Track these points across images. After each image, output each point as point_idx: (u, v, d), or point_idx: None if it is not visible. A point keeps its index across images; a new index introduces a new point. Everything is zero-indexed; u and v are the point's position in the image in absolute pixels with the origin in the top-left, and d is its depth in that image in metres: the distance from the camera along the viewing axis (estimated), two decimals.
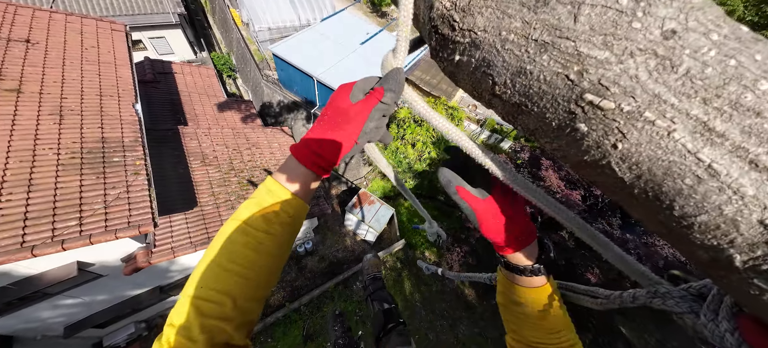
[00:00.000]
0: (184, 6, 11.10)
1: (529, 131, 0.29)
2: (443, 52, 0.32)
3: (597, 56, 0.20)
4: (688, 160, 0.19)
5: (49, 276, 4.23)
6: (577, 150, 0.24)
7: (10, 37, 5.09)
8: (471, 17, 0.27)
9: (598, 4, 0.20)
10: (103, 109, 4.96)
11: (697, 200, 0.19)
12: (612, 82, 0.20)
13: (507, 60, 0.25)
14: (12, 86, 4.54)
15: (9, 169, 3.83)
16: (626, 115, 0.20)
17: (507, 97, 0.27)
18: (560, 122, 0.24)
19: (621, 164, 0.22)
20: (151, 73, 8.15)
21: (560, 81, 0.22)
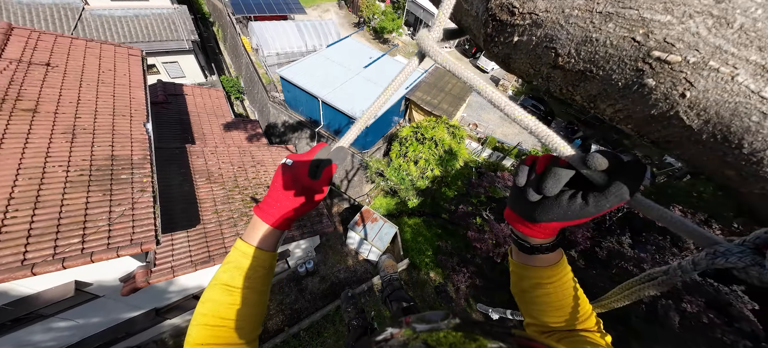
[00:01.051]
0: (197, 34, 11.79)
1: (590, 98, 0.32)
2: (500, 37, 0.37)
3: (660, 19, 0.24)
4: (752, 100, 0.22)
5: (45, 296, 4.12)
6: (644, 105, 0.27)
7: (32, 60, 5.32)
8: (532, 2, 0.32)
9: None
10: (115, 128, 5.08)
11: (764, 134, 0.22)
12: (676, 39, 0.24)
13: (571, 32, 0.29)
14: (29, 106, 4.68)
15: (17, 186, 3.85)
16: (693, 66, 0.24)
17: (571, 66, 0.31)
18: (627, 81, 0.28)
19: (689, 112, 0.25)
20: (162, 95, 8.43)
21: (627, 43, 0.26)
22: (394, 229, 8.13)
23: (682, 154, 0.29)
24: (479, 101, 16.31)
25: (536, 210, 0.43)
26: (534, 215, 0.43)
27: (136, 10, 10.96)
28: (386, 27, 17.37)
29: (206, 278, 5.90)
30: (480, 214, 7.27)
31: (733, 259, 0.32)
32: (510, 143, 12.86)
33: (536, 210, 0.43)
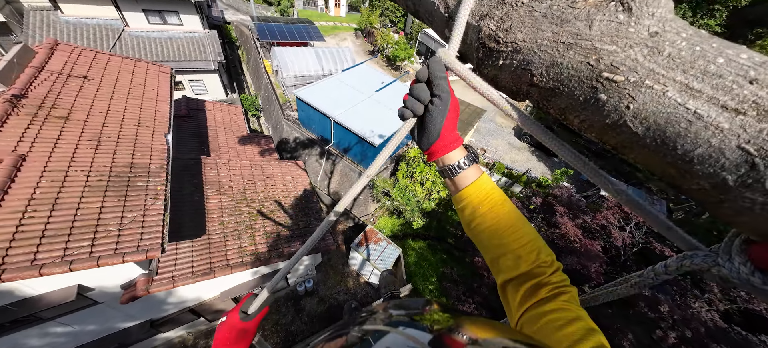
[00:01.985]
0: (223, 56, 12.74)
1: (560, 111, 0.39)
2: (489, 60, 0.44)
3: (607, 48, 0.31)
4: (680, 110, 0.28)
5: (48, 298, 4.12)
6: (600, 116, 0.34)
7: (71, 73, 5.80)
8: (512, 33, 0.40)
9: (604, 19, 0.32)
10: (137, 137, 5.36)
11: (691, 137, 0.28)
12: (620, 63, 0.30)
13: (543, 57, 0.36)
14: (62, 114, 5.03)
15: (39, 188, 4.03)
16: (633, 84, 0.30)
17: (543, 84, 0.38)
18: (586, 96, 0.34)
19: (634, 120, 0.31)
20: (185, 109, 8.93)
21: (584, 67, 0.33)
22: (398, 251, 7.99)
23: (634, 157, 0.34)
24: (487, 127, 16.53)
25: (427, 125, 0.55)
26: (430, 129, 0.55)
27: (170, 33, 12.00)
28: (399, 55, 18.28)
29: (205, 290, 5.84)
30: None
31: (697, 260, 0.35)
32: (518, 170, 12.80)
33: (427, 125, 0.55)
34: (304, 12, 24.32)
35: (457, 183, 0.62)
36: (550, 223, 6.85)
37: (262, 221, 6.35)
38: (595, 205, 8.07)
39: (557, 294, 0.51)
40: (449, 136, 0.57)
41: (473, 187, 0.60)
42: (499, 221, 0.59)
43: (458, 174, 0.60)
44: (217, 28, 15.73)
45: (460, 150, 0.60)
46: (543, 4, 0.37)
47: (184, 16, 12.14)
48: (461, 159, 0.60)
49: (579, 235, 6.10)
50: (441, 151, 0.59)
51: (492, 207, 0.60)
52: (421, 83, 0.53)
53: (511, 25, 0.39)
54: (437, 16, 0.54)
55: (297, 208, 7.13)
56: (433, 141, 0.57)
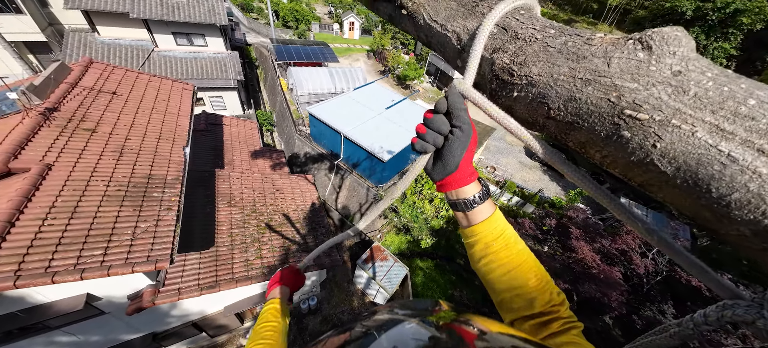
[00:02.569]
0: (243, 75, 13.47)
1: (580, 144, 0.38)
2: (503, 91, 0.44)
3: (629, 86, 0.30)
4: (712, 152, 0.26)
5: (57, 306, 4.14)
6: (624, 153, 0.32)
7: (102, 89, 6.19)
8: (526, 67, 0.40)
9: (623, 57, 0.32)
10: (157, 150, 5.58)
11: (727, 181, 0.26)
12: (643, 101, 0.30)
13: (559, 92, 0.36)
14: (89, 126, 5.33)
15: (61, 197, 4.18)
16: (658, 123, 0.29)
17: (561, 118, 0.37)
18: (608, 132, 0.33)
19: (662, 160, 0.29)
20: (204, 124, 9.33)
21: (604, 103, 0.32)
22: (405, 270, 7.78)
23: (664, 196, 0.32)
24: (497, 145, 16.40)
25: (445, 156, 0.53)
26: (448, 161, 0.53)
27: (195, 53, 12.84)
28: (409, 75, 18.77)
29: (209, 304, 5.78)
30: None
31: (740, 311, 0.32)
32: (530, 189, 12.50)
33: (445, 156, 0.53)
34: (320, 35, 25.56)
35: (470, 218, 0.60)
36: (565, 246, 6.56)
37: (269, 235, 6.37)
38: (613, 228, 7.70)
39: (568, 328, 0.53)
40: (466, 169, 0.56)
41: (487, 224, 0.58)
42: (512, 261, 0.57)
43: (472, 209, 0.58)
44: (239, 50, 16.69)
45: (475, 184, 0.59)
46: (557, 40, 0.37)
47: (210, 38, 12.99)
48: (476, 193, 0.58)
49: (597, 261, 5.79)
50: (456, 183, 0.57)
51: (505, 245, 0.58)
52: (439, 114, 0.52)
53: (526, 59, 0.39)
54: (450, 47, 0.55)
55: (304, 223, 7.13)
56: (450, 173, 0.55)
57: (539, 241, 7.32)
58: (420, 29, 0.62)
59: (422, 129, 0.54)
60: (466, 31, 0.50)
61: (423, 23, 0.59)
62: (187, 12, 11.98)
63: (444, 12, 0.55)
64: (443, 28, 0.55)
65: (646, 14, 20.68)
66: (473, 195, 0.58)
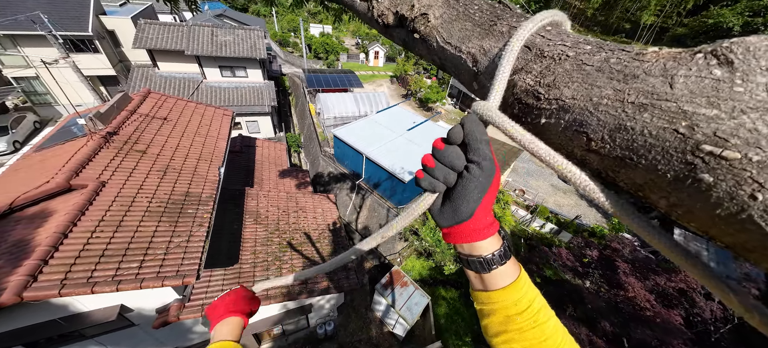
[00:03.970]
0: (276, 101, 14.71)
1: (636, 187, 0.29)
2: (527, 117, 0.37)
3: (704, 113, 0.22)
4: None
5: (93, 316, 4.30)
6: (705, 203, 0.23)
7: (155, 115, 6.98)
8: (557, 90, 0.33)
9: (691, 75, 0.24)
10: (196, 169, 6.05)
11: None
12: (730, 134, 0.21)
13: (602, 119, 0.28)
14: (141, 148, 5.97)
15: (110, 211, 4.59)
16: (757, 165, 0.20)
17: (606, 152, 0.29)
18: (677, 173, 0.24)
19: (766, 216, 0.20)
20: (239, 146, 10.09)
21: (669, 134, 0.24)
22: (427, 299, 7.33)
23: (762, 265, 0.22)
24: (526, 167, 15.57)
25: (457, 200, 0.42)
26: (459, 206, 0.41)
27: (237, 83, 14.34)
28: (431, 97, 19.02)
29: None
30: None
31: None
32: (565, 215, 11.50)
33: (457, 200, 0.42)
34: (347, 64, 27.20)
35: (487, 281, 0.46)
36: (611, 282, 5.80)
37: (290, 253, 6.44)
38: (668, 263, 6.72)
39: None
40: (484, 219, 0.43)
41: (509, 292, 0.44)
42: (543, 344, 0.43)
43: (490, 271, 0.45)
44: (275, 79, 18.25)
45: (494, 238, 0.45)
46: (596, 57, 0.30)
47: (250, 70, 14.48)
48: (496, 250, 0.45)
49: (651, 301, 5.00)
50: (469, 236, 0.44)
51: (534, 323, 0.43)
52: (453, 146, 0.41)
53: (555, 79, 0.33)
54: (464, 70, 0.50)
55: (325, 243, 7.14)
56: (461, 221, 0.43)
57: (579, 274, 6.56)
58: (433, 52, 0.58)
59: (430, 161, 0.44)
60: (482, 52, 0.45)
61: (436, 46, 0.55)
62: (233, 49, 13.52)
63: (458, 33, 0.50)
64: (458, 50, 0.50)
65: (686, 32, 19.29)
66: (492, 253, 0.45)
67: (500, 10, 0.46)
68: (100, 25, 14.66)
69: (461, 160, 0.41)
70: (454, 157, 0.41)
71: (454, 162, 0.41)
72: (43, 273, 3.60)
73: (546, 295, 2.53)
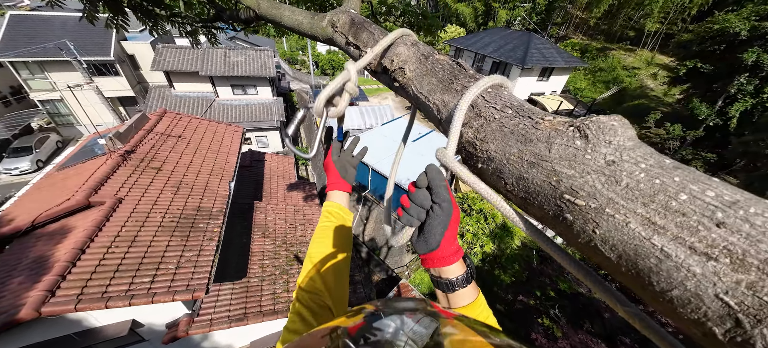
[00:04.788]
0: (284, 116, 15.20)
1: (538, 219, 0.39)
2: (470, 161, 0.48)
3: (566, 172, 0.32)
4: (646, 244, 0.26)
5: (105, 331, 4.35)
6: (571, 233, 0.33)
7: (170, 134, 7.31)
8: (486, 143, 0.43)
9: (562, 144, 0.34)
10: (208, 184, 6.26)
11: (665, 276, 0.25)
12: (579, 188, 0.31)
13: (511, 170, 0.38)
14: (156, 165, 6.23)
15: (125, 227, 4.75)
16: (594, 210, 0.30)
17: (516, 193, 0.39)
18: (554, 212, 0.34)
19: (604, 245, 0.29)
20: (249, 161, 10.38)
21: (546, 186, 0.34)
22: None
23: (621, 282, 0.31)
24: None
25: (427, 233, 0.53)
26: (429, 238, 0.52)
27: (247, 101, 14.95)
28: None
29: (237, 338, 5.80)
30: (547, 313, 6.05)
31: None
32: None
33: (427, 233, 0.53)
34: None
35: (451, 300, 0.57)
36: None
37: (297, 267, 6.50)
38: None
39: None
40: (449, 248, 0.54)
41: (469, 309, 0.56)
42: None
43: (453, 291, 0.55)
44: (284, 95, 18.91)
45: (459, 264, 0.56)
46: (511, 122, 0.41)
47: (260, 88, 15.10)
48: (460, 274, 0.55)
49: None
50: (437, 262, 0.55)
51: None
52: (421, 189, 0.52)
53: (486, 136, 0.43)
54: (432, 116, 0.60)
55: None
56: (432, 250, 0.54)
57: None
58: (410, 97, 0.69)
59: (406, 202, 0.54)
60: (443, 104, 0.56)
61: (412, 93, 0.67)
62: (244, 68, 14.17)
63: (427, 86, 0.61)
64: (427, 100, 0.61)
65: (692, 37, 19.16)
66: (456, 277, 0.55)
67: (457, 71, 0.57)
68: (122, 50, 15.63)
69: (428, 201, 0.52)
70: (423, 198, 0.52)
71: (422, 202, 0.52)
72: (60, 288, 3.72)
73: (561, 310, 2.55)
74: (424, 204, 0.52)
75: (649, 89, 24.71)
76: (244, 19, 1.91)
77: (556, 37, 34.16)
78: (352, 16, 0.95)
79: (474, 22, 34.60)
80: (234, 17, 2.15)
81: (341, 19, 0.96)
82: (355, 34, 0.88)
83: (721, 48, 17.28)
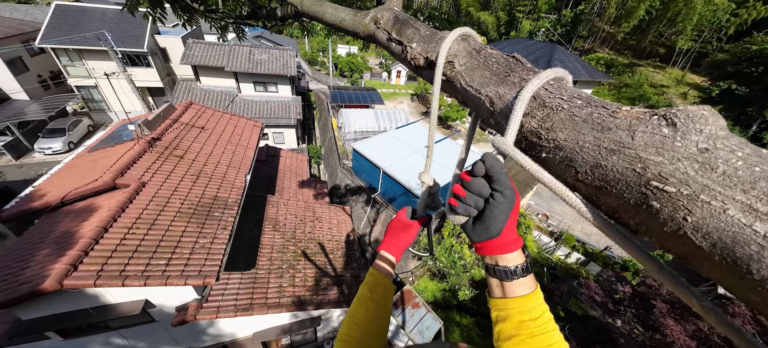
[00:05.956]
0: (302, 115, 15.58)
1: (612, 209, 0.38)
2: (531, 151, 0.48)
3: (653, 159, 0.32)
4: (746, 231, 0.26)
5: (120, 308, 4.55)
6: (656, 222, 0.32)
7: (194, 124, 7.60)
8: (554, 133, 0.43)
9: (647, 131, 0.34)
10: (225, 175, 6.45)
11: (766, 263, 0.25)
12: (669, 174, 0.31)
13: (585, 158, 0.38)
14: (179, 154, 6.48)
15: (147, 210, 4.94)
16: (687, 197, 0.29)
17: (589, 182, 0.39)
18: (637, 200, 0.34)
19: (695, 233, 0.29)
20: (265, 155, 10.64)
21: (629, 173, 0.34)
22: (439, 324, 7.07)
23: (708, 272, 0.30)
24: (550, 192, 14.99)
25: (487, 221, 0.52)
26: (489, 226, 0.52)
27: (267, 98, 15.43)
28: (451, 116, 19.14)
29: (241, 328, 5.88)
30: None
31: None
32: (594, 245, 10.79)
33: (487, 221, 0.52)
34: (370, 82, 28.26)
35: (507, 289, 0.54)
36: (646, 323, 5.34)
37: (303, 262, 6.56)
38: None
39: None
40: (510, 236, 0.53)
41: (525, 301, 0.53)
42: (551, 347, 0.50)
43: (512, 280, 0.53)
44: (302, 94, 19.37)
45: (519, 252, 0.55)
46: (583, 110, 0.41)
47: (281, 86, 15.56)
48: (520, 264, 0.54)
49: None
50: (499, 250, 0.54)
51: (544, 331, 0.51)
52: (477, 178, 0.52)
53: (553, 125, 0.43)
54: (483, 108, 0.61)
55: (337, 254, 7.21)
56: (491, 237, 0.53)
57: (610, 311, 6.09)
58: (457, 91, 0.70)
59: (462, 191, 0.53)
60: (498, 96, 0.56)
61: (460, 87, 0.67)
62: (267, 66, 14.66)
63: (479, 79, 0.62)
64: (477, 93, 0.62)
65: (727, 58, 18.30)
66: (516, 265, 0.53)
67: (513, 64, 0.58)
68: (154, 43, 16.46)
69: (487, 190, 0.51)
70: (481, 186, 0.52)
71: (481, 191, 0.52)
72: (83, 263, 3.90)
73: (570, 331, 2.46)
74: (482, 193, 0.51)
75: None
76: (282, 16, 1.99)
77: (581, 51, 33.41)
78: (396, 13, 0.98)
79: (496, 32, 34.40)
80: (270, 15, 2.23)
81: (385, 16, 0.98)
82: (399, 31, 0.90)
83: (758, 70, 16.43)
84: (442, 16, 3.35)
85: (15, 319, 4.39)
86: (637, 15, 27.24)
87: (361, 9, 1.18)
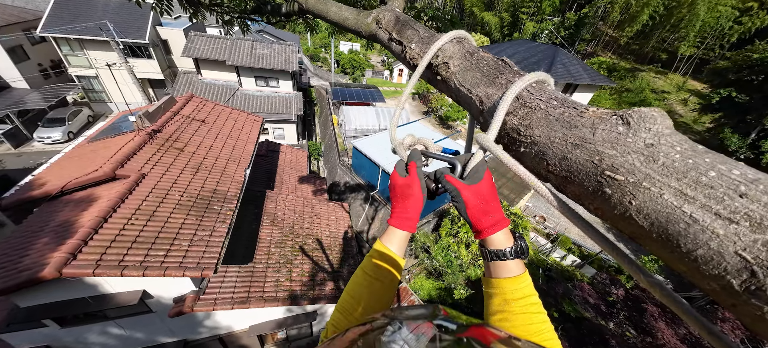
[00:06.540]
0: (302, 111, 15.54)
1: (576, 196, 0.44)
2: (512, 146, 0.54)
3: (608, 153, 0.37)
4: (677, 212, 0.31)
5: (118, 298, 4.57)
6: (609, 206, 0.38)
7: (195, 117, 7.61)
8: (531, 130, 0.49)
9: (606, 129, 0.39)
10: (225, 169, 6.48)
11: (691, 238, 0.30)
12: (619, 166, 0.36)
13: (555, 152, 0.44)
14: (179, 146, 6.50)
15: (146, 201, 4.96)
16: (632, 184, 0.35)
17: (557, 173, 0.45)
18: (594, 188, 0.39)
19: (638, 215, 0.34)
20: (265, 150, 10.65)
21: (589, 164, 0.39)
22: None
23: (649, 248, 0.36)
24: None
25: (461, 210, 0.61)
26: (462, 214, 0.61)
27: (269, 92, 15.40)
28: (451, 116, 19.21)
29: (237, 321, 5.95)
30: None
31: None
32: (589, 248, 10.89)
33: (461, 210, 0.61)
34: (371, 80, 28.26)
35: (493, 269, 0.60)
36: (638, 326, 5.43)
37: (301, 258, 6.61)
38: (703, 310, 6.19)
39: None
40: (485, 220, 0.60)
41: (510, 282, 0.58)
42: (528, 329, 0.54)
43: (496, 261, 0.59)
44: (303, 90, 19.37)
45: (504, 235, 0.60)
46: (557, 111, 0.46)
47: (282, 81, 15.54)
48: (508, 248, 0.59)
49: None
50: (482, 233, 0.61)
51: (524, 310, 0.56)
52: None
53: (531, 123, 0.49)
54: (474, 107, 0.66)
55: (335, 251, 7.26)
56: (470, 223, 0.63)
57: (603, 314, 6.18)
58: (451, 90, 0.75)
59: None
60: (486, 96, 0.62)
61: (453, 87, 0.73)
62: (268, 61, 14.63)
63: (471, 80, 0.67)
64: (469, 92, 0.67)
65: (728, 65, 18.40)
66: (503, 249, 0.59)
67: (502, 67, 0.63)
68: (156, 35, 16.42)
69: None
70: None
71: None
72: (82, 252, 3.94)
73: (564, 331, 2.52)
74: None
75: (678, 115, 23.87)
76: (286, 12, 2.03)
77: (584, 54, 33.48)
78: (397, 14, 1.02)
79: (499, 32, 34.39)
80: (275, 10, 2.28)
81: (387, 16, 1.03)
82: (399, 31, 0.95)
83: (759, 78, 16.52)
84: (445, 16, 3.40)
85: (13, 307, 4.43)
86: (640, 20, 27.29)
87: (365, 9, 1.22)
